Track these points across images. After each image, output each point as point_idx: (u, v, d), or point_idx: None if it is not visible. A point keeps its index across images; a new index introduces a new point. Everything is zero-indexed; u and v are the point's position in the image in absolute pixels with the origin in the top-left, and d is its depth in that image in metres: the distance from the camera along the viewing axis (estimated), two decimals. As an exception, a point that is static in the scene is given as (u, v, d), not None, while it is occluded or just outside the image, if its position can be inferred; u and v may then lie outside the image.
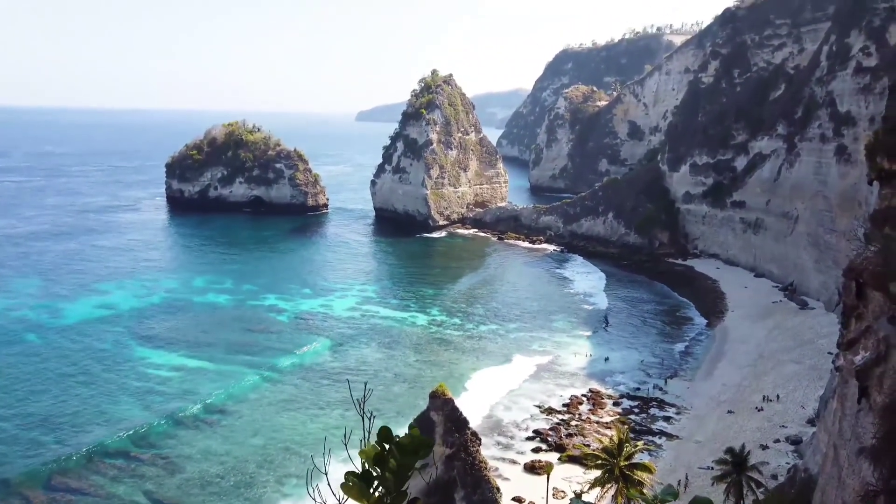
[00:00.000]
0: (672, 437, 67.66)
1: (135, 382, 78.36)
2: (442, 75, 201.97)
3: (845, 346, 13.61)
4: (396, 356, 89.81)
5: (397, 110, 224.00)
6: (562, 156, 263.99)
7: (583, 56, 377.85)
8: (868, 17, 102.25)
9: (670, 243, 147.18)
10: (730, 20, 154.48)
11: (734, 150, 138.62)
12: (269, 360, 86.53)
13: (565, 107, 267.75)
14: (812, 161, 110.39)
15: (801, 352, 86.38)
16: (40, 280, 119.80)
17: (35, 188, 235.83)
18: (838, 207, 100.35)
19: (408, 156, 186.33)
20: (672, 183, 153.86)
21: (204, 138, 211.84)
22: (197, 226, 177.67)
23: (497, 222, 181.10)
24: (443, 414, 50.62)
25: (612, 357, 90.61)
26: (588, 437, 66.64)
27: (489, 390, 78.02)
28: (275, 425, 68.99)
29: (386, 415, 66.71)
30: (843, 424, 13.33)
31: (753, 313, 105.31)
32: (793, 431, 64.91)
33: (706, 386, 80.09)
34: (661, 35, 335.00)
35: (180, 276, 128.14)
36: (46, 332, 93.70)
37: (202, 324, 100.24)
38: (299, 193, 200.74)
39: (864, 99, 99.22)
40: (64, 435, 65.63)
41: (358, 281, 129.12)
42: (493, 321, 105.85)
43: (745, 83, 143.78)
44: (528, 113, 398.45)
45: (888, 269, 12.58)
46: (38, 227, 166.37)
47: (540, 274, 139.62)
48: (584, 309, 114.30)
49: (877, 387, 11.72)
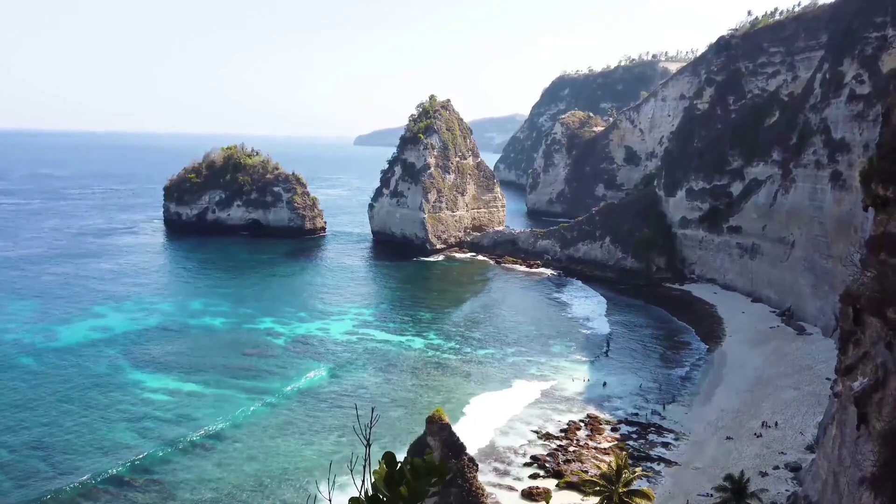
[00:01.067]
0: (671, 463, 67.12)
1: (130, 407, 77.70)
2: (440, 100, 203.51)
3: (843, 372, 13.61)
4: (393, 380, 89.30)
5: (395, 135, 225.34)
6: (559, 180, 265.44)
7: (579, 82, 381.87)
8: (860, 45, 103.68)
9: (667, 268, 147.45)
10: (724, 48, 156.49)
11: (730, 175, 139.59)
12: (265, 385, 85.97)
13: (562, 132, 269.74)
14: (807, 187, 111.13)
15: (799, 377, 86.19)
16: (36, 303, 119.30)
17: (33, 211, 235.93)
18: (834, 233, 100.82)
19: (406, 180, 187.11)
20: (668, 208, 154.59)
21: (203, 161, 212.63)
22: (194, 249, 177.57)
23: (494, 246, 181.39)
24: (439, 439, 50.20)
25: (609, 382, 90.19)
26: (586, 464, 66.05)
27: (486, 415, 77.44)
28: (270, 451, 68.34)
29: (382, 440, 66.12)
30: (842, 451, 13.30)
31: (751, 338, 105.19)
32: (792, 458, 64.51)
33: (705, 411, 79.68)
34: (657, 62, 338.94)
35: (177, 299, 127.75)
36: (42, 355, 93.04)
37: (198, 347, 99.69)
38: (297, 217, 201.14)
39: (858, 126, 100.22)
40: (58, 461, 64.87)
41: (355, 304, 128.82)
42: (490, 345, 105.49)
43: (739, 110, 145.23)
44: (525, 138, 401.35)
45: (885, 295, 12.65)
46: (36, 249, 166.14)
47: (537, 298, 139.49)
48: (582, 333, 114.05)
49: (875, 413, 11.72)
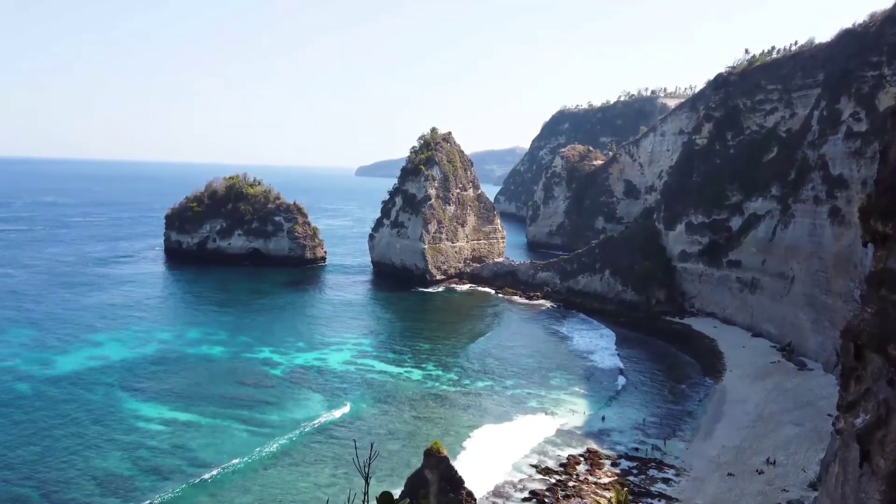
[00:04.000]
0: (672, 500, 66.16)
1: (125, 437, 76.84)
2: (441, 133, 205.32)
3: (845, 409, 13.56)
4: (391, 412, 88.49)
5: (396, 166, 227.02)
6: (559, 213, 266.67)
7: (579, 116, 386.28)
8: (857, 84, 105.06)
9: (667, 301, 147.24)
10: (722, 85, 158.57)
11: (729, 210, 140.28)
12: (262, 416, 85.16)
13: (562, 165, 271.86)
14: (806, 222, 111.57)
15: (800, 413, 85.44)
16: (34, 330, 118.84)
17: (35, 238, 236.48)
18: (833, 268, 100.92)
19: (406, 210, 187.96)
20: (668, 241, 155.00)
21: (205, 190, 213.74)
22: (194, 277, 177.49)
23: (494, 277, 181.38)
24: (437, 472, 49.61)
25: (609, 416, 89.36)
26: (586, 499, 65.11)
27: (485, 448, 76.56)
28: (266, 483, 67.42)
29: (379, 473, 65.32)
30: (845, 489, 13.17)
31: (752, 373, 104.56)
32: (794, 496, 63.63)
33: (705, 447, 78.81)
34: (656, 98, 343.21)
35: (175, 327, 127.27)
36: (37, 383, 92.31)
37: (195, 377, 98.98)
38: (298, 246, 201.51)
39: (856, 162, 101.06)
40: (51, 489, 63.90)
41: (354, 334, 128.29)
42: (489, 377, 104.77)
43: (738, 145, 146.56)
44: (525, 170, 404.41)
45: (886, 332, 12.66)
46: (35, 276, 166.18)
47: (537, 330, 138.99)
48: (582, 366, 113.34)
49: (879, 451, 11.63)
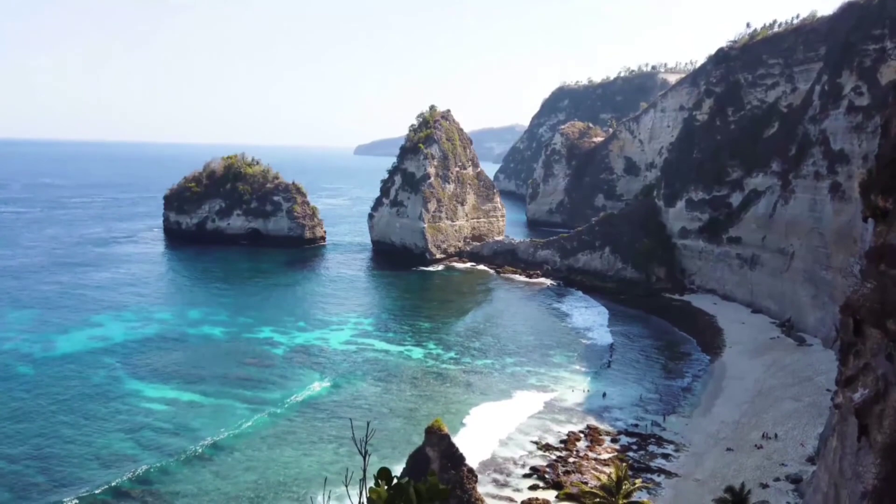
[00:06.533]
0: (671, 474, 66.82)
1: (128, 417, 77.39)
2: (440, 110, 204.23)
3: (844, 384, 13.56)
4: (392, 390, 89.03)
5: (395, 144, 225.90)
6: (558, 190, 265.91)
7: (579, 93, 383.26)
8: (859, 58, 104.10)
9: (667, 278, 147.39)
10: (723, 59, 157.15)
11: (729, 186, 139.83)
12: (264, 395, 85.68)
13: (562, 142, 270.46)
14: (807, 198, 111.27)
15: (799, 389, 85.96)
16: (35, 311, 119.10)
17: (33, 219, 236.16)
18: (833, 244, 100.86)
19: (405, 189, 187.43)
20: (668, 218, 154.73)
21: (203, 171, 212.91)
22: (194, 258, 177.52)
23: (494, 256, 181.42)
24: (438, 450, 50.00)
25: (609, 392, 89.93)
26: (586, 475, 65.74)
27: (486, 426, 77.13)
28: (268, 461, 68.00)
29: (381, 451, 65.85)
30: (843, 463, 13.22)
31: (751, 349, 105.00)
32: (793, 470, 64.27)
33: (705, 423, 79.41)
34: (656, 73, 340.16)
35: (176, 308, 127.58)
36: (40, 365, 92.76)
37: (197, 357, 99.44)
38: (297, 226, 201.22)
39: (857, 137, 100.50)
40: (55, 470, 64.51)
41: (354, 314, 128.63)
42: (490, 355, 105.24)
43: (738, 121, 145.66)
44: (525, 148, 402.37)
45: (885, 307, 12.62)
46: (35, 258, 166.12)
47: (537, 308, 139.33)
48: (582, 344, 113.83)
49: (876, 425, 11.66)
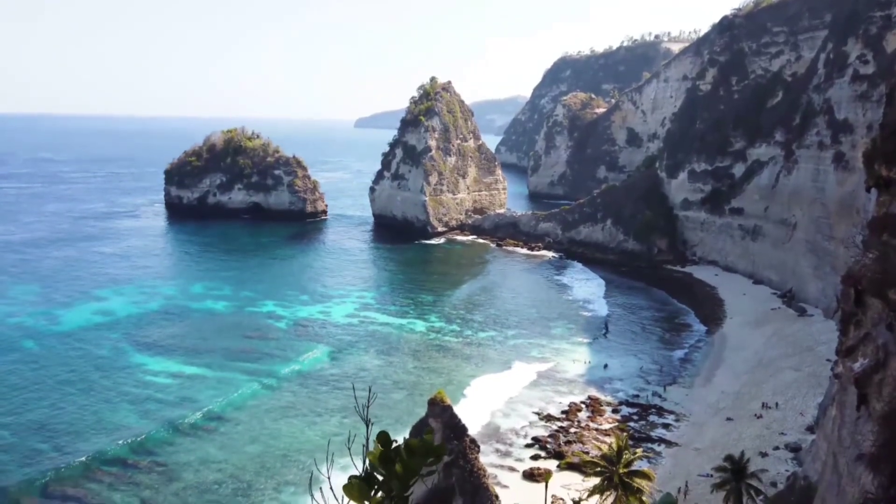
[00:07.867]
0: (671, 444, 67.56)
1: (132, 389, 78.19)
2: (441, 82, 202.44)
3: (844, 354, 13.61)
4: (395, 363, 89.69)
5: (396, 117, 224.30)
6: (560, 162, 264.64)
7: (581, 63, 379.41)
8: (864, 25, 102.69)
9: (669, 250, 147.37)
10: (727, 28, 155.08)
11: (732, 157, 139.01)
12: (267, 367, 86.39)
13: (563, 114, 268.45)
14: (810, 168, 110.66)
15: (799, 359, 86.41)
16: (38, 286, 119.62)
17: (34, 195, 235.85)
18: (836, 214, 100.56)
19: (406, 162, 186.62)
20: (670, 190, 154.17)
21: (203, 145, 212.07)
22: (195, 232, 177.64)
23: (496, 229, 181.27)
24: (441, 421, 50.47)
25: (610, 364, 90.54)
26: (587, 445, 66.49)
27: (488, 397, 77.89)
28: (273, 432, 68.82)
29: (384, 421, 66.53)
30: (842, 432, 13.34)
31: (752, 320, 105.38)
32: (792, 439, 64.90)
33: (705, 393, 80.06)
34: (659, 43, 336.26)
35: (178, 282, 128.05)
36: (44, 339, 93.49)
37: (200, 330, 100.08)
38: (298, 200, 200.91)
39: (862, 106, 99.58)
40: (61, 442, 65.41)
41: (356, 287, 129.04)
42: (491, 328, 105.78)
43: (742, 90, 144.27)
44: (526, 120, 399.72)
45: (886, 277, 12.61)
46: (37, 233, 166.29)
47: (538, 280, 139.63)
48: (583, 316, 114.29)
49: (876, 394, 11.73)
